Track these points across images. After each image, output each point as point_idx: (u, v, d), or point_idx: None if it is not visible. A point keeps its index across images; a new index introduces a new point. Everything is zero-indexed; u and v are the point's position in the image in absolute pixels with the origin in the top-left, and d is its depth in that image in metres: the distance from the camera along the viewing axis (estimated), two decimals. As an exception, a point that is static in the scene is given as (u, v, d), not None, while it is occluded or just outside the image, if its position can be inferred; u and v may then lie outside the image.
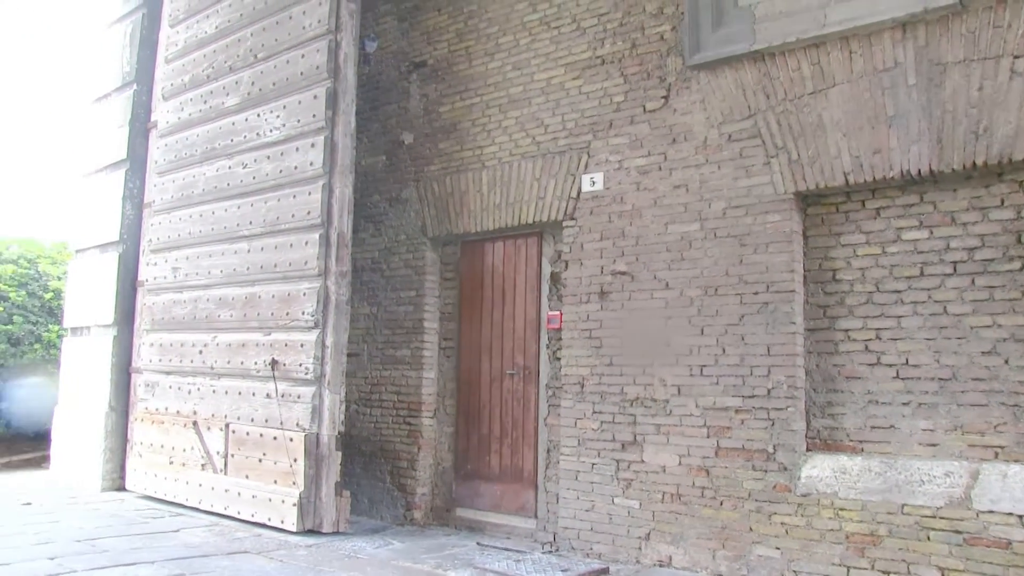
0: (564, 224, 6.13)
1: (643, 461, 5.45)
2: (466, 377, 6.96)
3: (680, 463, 5.28)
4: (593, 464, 5.69)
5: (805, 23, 5.03)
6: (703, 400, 5.24)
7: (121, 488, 7.98)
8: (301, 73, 6.75)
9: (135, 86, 8.74)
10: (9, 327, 10.21)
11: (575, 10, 6.30)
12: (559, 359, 6.11)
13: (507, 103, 6.65)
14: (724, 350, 5.19)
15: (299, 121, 6.65)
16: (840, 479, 4.72)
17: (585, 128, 6.10)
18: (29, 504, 7.18)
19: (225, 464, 6.76)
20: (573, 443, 5.83)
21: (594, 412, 5.73)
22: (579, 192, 6.04)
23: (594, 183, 5.96)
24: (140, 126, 8.64)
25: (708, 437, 5.19)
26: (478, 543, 6.09)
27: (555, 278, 6.31)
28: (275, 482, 6.30)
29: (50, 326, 10.51)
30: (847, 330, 4.97)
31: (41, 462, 9.69)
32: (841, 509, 4.64)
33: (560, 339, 6.11)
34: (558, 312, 6.18)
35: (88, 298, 8.78)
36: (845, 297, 4.99)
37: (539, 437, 6.34)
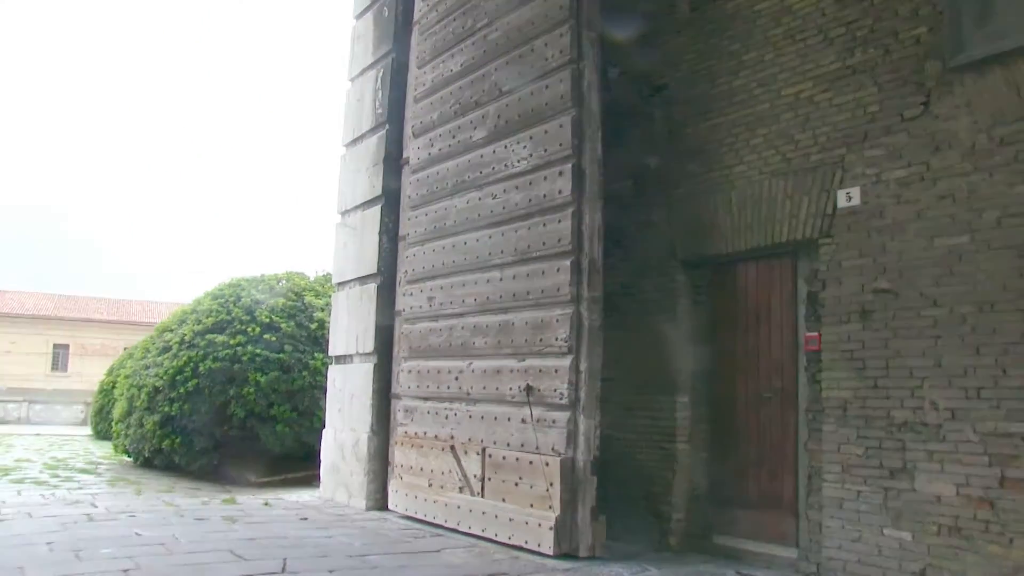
0: (820, 242, 6.17)
1: (914, 490, 5.36)
2: (721, 401, 7.12)
3: (958, 493, 5.15)
4: (859, 492, 5.66)
5: (1094, 6, 4.80)
6: (982, 425, 5.09)
7: (383, 508, 8.69)
8: (546, 103, 7.21)
9: (387, 126, 9.61)
10: (281, 355, 11.45)
11: (821, 20, 6.35)
12: (819, 382, 6.13)
13: (754, 121, 6.78)
14: (1004, 371, 5.03)
15: (546, 150, 7.11)
16: None
17: (838, 142, 6.12)
18: (305, 519, 8.02)
19: (482, 487, 7.26)
20: (836, 469, 5.82)
21: (858, 437, 5.71)
22: (834, 208, 6.06)
23: (850, 198, 5.96)
24: (393, 164, 9.48)
25: (990, 466, 5.03)
26: (737, 572, 6.19)
27: (812, 298, 6.33)
28: (531, 506, 6.69)
29: (315, 354, 11.65)
30: None
31: (311, 480, 10.73)
32: None
33: (819, 361, 6.13)
34: (816, 333, 6.20)
35: (350, 328, 9.70)
36: None
37: (799, 463, 6.37)
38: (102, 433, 20.77)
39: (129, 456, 13.78)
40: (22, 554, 5.90)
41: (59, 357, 65.52)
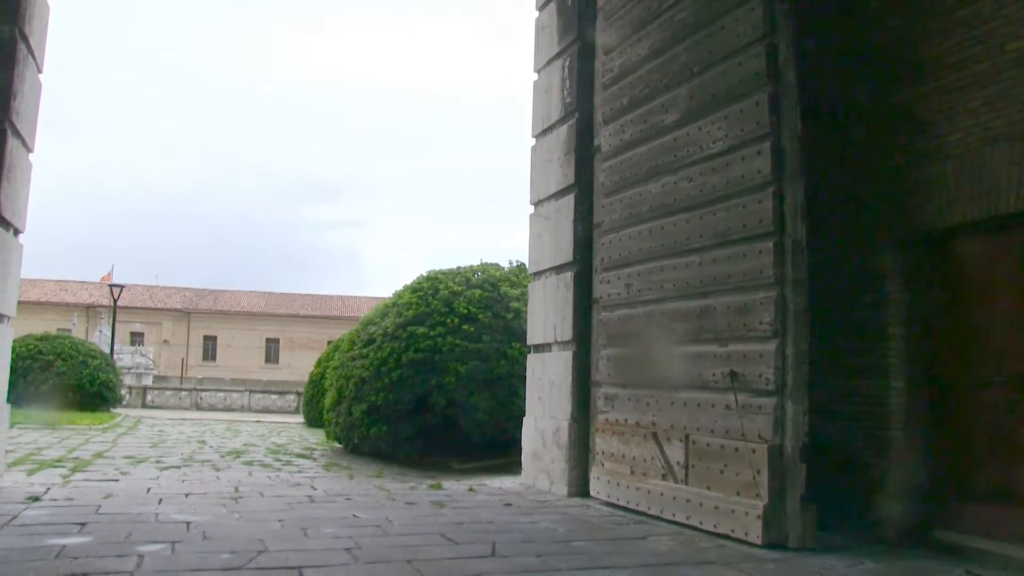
0: (1055, 211, 5.62)
1: None
2: (939, 386, 6.65)
3: None
4: (1118, 487, 5.10)
5: None
6: None
7: (585, 495, 8.70)
8: (739, 82, 6.98)
9: (576, 115, 9.59)
10: (479, 345, 11.71)
11: (1054, -42, 5.76)
12: (1057, 363, 5.59)
13: (970, 83, 6.27)
14: None
15: (742, 130, 6.88)
16: None
17: (1075, 98, 5.55)
18: (509, 505, 8.15)
19: (686, 475, 7.14)
20: (1087, 461, 5.29)
21: (1111, 426, 5.16)
22: (1073, 173, 5.50)
23: (1092, 161, 5.40)
24: (584, 152, 9.45)
25: None
26: (967, 571, 5.74)
27: (1046, 273, 5.79)
28: (737, 493, 6.52)
29: (512, 343, 11.82)
30: None
31: (510, 467, 10.91)
32: None
33: (1057, 342, 5.59)
34: (1054, 311, 5.66)
35: (547, 317, 9.77)
36: None
37: (1036, 453, 5.84)
38: (313, 421, 22.04)
39: (339, 443, 14.52)
40: (260, 529, 6.40)
41: (271, 350, 70.31)
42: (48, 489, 8.07)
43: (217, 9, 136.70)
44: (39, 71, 8.34)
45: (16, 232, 7.94)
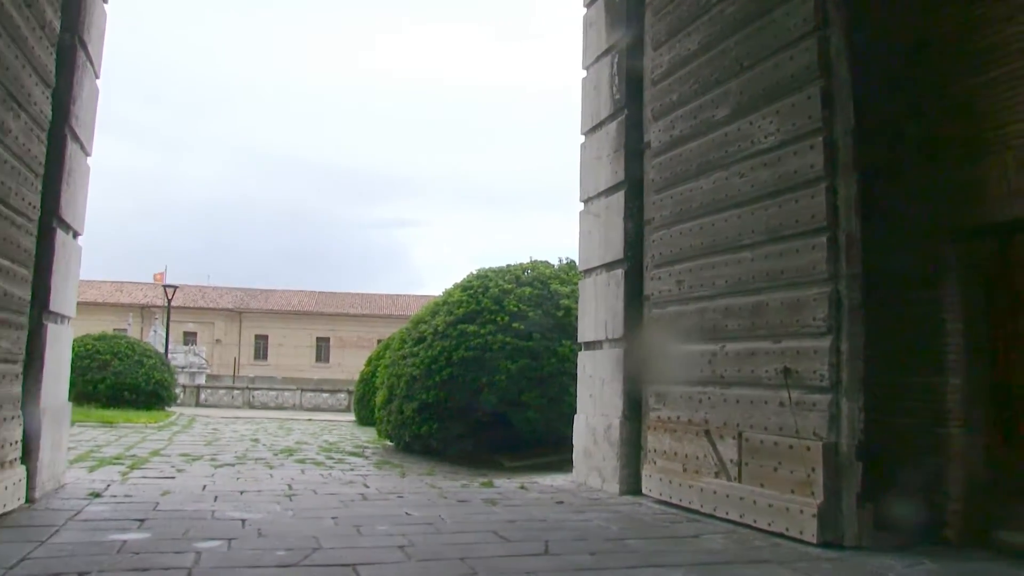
0: (1121, 203, 5.49)
1: None
2: (1000, 383, 6.55)
3: None
4: None
5: None
6: None
7: (637, 492, 8.68)
8: (791, 76, 6.94)
9: (625, 111, 9.56)
10: (529, 343, 11.73)
11: None
12: (1121, 360, 5.48)
13: (1035, 71, 6.15)
14: None
15: (794, 124, 6.84)
16: None
17: None
18: (561, 503, 8.18)
19: (739, 472, 7.13)
20: None
21: None
22: None
23: None
24: (633, 148, 9.41)
25: None
26: (1032, 573, 5.66)
27: (1109, 266, 5.67)
28: (792, 492, 6.49)
29: (563, 341, 11.82)
30: None
31: (561, 465, 10.91)
32: None
33: (1122, 337, 5.47)
34: (1116, 305, 5.54)
35: (598, 315, 9.77)
36: None
37: (1101, 451, 5.72)
38: (364, 419, 22.28)
39: (390, 441, 14.67)
40: (314, 526, 6.52)
41: (322, 349, 71.19)
42: (108, 485, 8.32)
43: (265, 9, 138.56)
44: (96, 76, 8.56)
45: (75, 235, 8.16)
